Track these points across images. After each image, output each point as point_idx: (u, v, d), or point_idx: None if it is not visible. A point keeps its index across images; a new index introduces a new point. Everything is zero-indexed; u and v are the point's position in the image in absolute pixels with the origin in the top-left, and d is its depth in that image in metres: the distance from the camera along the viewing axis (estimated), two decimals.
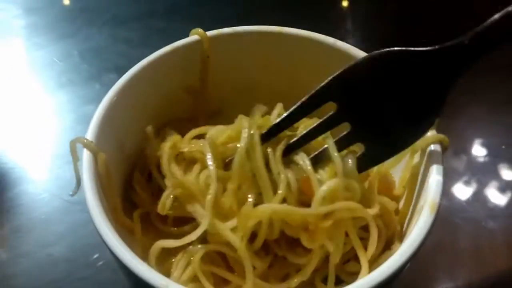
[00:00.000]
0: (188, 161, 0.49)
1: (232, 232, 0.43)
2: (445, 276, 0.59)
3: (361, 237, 0.45)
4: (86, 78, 0.81)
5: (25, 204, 0.64)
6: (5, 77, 0.82)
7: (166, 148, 0.49)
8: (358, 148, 0.46)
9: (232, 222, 0.43)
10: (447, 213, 0.63)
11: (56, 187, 0.66)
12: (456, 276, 0.59)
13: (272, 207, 0.42)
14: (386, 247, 0.46)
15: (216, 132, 0.49)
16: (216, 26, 0.56)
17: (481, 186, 0.67)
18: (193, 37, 0.54)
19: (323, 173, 0.44)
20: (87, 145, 0.45)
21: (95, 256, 0.59)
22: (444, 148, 0.45)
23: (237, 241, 0.42)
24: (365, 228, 0.46)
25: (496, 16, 0.38)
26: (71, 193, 0.45)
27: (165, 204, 0.46)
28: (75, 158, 0.46)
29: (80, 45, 0.87)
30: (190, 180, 0.46)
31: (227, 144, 0.48)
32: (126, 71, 0.51)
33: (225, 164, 0.47)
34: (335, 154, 0.44)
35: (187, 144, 0.50)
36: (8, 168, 0.69)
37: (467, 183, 0.67)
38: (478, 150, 0.72)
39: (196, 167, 0.47)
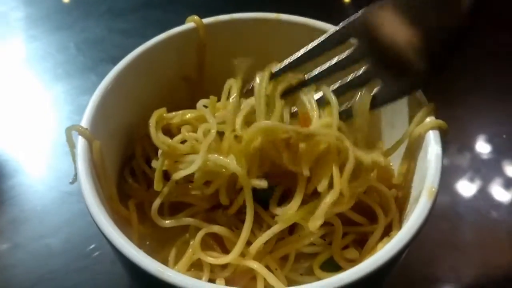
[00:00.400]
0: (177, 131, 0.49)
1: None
2: (450, 272, 0.58)
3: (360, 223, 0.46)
4: (82, 70, 0.81)
5: (21, 196, 0.64)
6: (1, 69, 0.82)
7: (152, 120, 0.48)
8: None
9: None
10: (451, 208, 0.63)
11: (53, 178, 0.66)
12: (461, 272, 0.58)
13: (259, 124, 0.43)
14: (385, 234, 0.46)
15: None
16: (213, 15, 0.55)
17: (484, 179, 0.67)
18: (189, 24, 0.54)
19: (322, 113, 0.45)
20: (82, 132, 0.44)
21: (91, 246, 0.59)
22: (444, 134, 0.45)
23: (237, 167, 0.42)
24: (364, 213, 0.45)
25: None
26: (70, 181, 0.44)
27: (160, 178, 0.46)
28: (71, 145, 0.45)
29: (76, 36, 0.87)
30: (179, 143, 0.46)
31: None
32: None
33: None
34: (331, 95, 0.45)
35: (175, 116, 0.50)
36: (4, 160, 0.68)
37: (471, 176, 0.67)
38: (481, 145, 0.71)
39: (186, 129, 0.48)
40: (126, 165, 0.53)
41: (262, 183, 0.42)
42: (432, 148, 0.43)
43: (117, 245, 0.38)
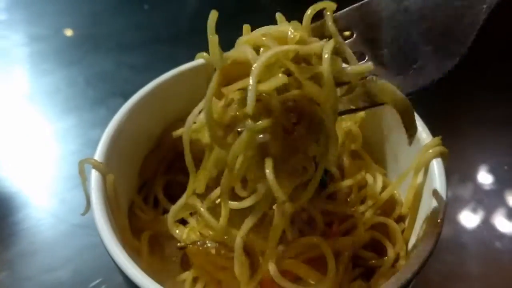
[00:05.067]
0: None
1: None
2: None
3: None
4: (92, 103, 0.83)
5: (30, 228, 0.65)
6: (13, 102, 0.84)
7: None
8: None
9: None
10: (455, 239, 0.64)
11: (62, 211, 0.67)
12: None
13: None
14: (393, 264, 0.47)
15: None
16: None
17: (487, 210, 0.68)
18: (199, 60, 0.56)
19: None
20: (96, 165, 0.45)
21: (98, 280, 0.59)
22: (445, 160, 0.46)
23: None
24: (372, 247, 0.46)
25: None
26: (81, 213, 0.45)
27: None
28: (84, 178, 0.46)
29: (86, 71, 0.89)
30: None
31: None
32: (132, 96, 0.52)
33: None
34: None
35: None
36: (14, 192, 0.69)
37: (473, 209, 0.68)
38: (484, 176, 0.72)
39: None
40: (136, 197, 0.54)
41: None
42: (437, 180, 0.45)
43: (130, 275, 0.39)
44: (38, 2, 1.07)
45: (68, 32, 0.98)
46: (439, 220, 0.42)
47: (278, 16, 0.44)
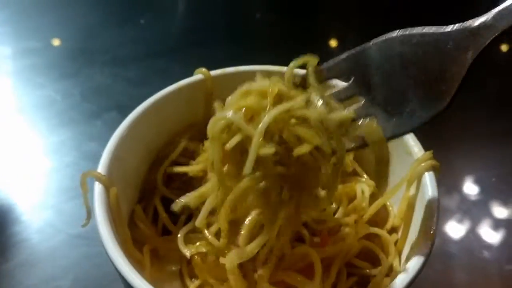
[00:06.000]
0: None
1: None
2: None
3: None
4: (88, 116, 0.83)
5: (29, 239, 0.66)
6: (7, 116, 0.84)
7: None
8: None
9: None
10: (443, 248, 0.66)
11: (60, 222, 0.68)
12: None
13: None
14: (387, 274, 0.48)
15: None
16: (212, 66, 0.59)
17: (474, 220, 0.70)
18: (197, 76, 0.57)
19: None
20: (99, 178, 0.46)
21: None
22: (436, 173, 0.48)
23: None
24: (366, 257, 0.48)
25: None
26: (82, 224, 0.47)
27: None
28: (85, 190, 0.47)
29: (81, 84, 0.90)
30: None
31: None
32: (127, 109, 0.53)
33: None
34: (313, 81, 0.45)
35: None
36: (12, 204, 0.70)
37: (460, 219, 0.70)
38: (471, 186, 0.74)
39: None
40: (137, 208, 0.55)
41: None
42: (429, 193, 0.47)
43: (135, 286, 0.40)
44: (32, 15, 1.08)
45: (56, 42, 0.99)
46: (431, 232, 0.44)
47: (258, 74, 0.47)
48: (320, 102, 0.43)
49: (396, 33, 0.43)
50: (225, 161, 0.43)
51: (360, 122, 0.45)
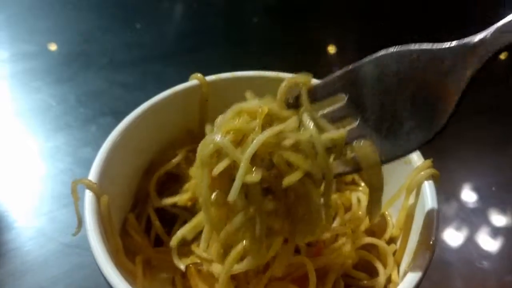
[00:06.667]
0: None
1: None
2: None
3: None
4: (83, 121, 0.82)
5: (20, 248, 0.64)
6: (3, 120, 0.83)
7: None
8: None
9: None
10: (442, 257, 0.64)
11: (52, 230, 0.66)
12: None
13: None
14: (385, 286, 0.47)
15: None
16: (208, 71, 0.58)
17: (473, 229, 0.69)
18: (193, 81, 0.56)
19: None
20: (90, 186, 0.45)
21: None
22: (435, 181, 0.47)
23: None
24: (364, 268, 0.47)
25: None
26: (73, 233, 0.45)
27: None
28: (76, 198, 0.46)
29: (77, 89, 0.89)
30: None
31: None
32: (122, 114, 0.52)
33: None
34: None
35: None
36: (3, 211, 0.69)
37: (458, 227, 0.69)
38: (470, 194, 0.73)
39: None
40: (130, 216, 0.54)
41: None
42: (429, 202, 0.45)
43: None
44: (29, 19, 1.08)
45: (52, 46, 0.98)
46: (431, 243, 0.42)
47: (247, 93, 0.47)
48: (311, 124, 0.42)
49: (392, 49, 0.42)
50: (214, 187, 0.42)
51: (354, 144, 0.43)
